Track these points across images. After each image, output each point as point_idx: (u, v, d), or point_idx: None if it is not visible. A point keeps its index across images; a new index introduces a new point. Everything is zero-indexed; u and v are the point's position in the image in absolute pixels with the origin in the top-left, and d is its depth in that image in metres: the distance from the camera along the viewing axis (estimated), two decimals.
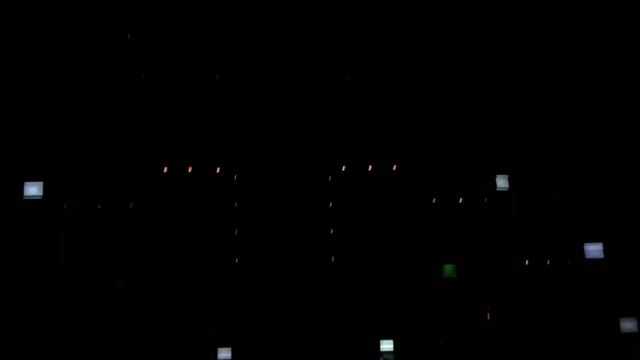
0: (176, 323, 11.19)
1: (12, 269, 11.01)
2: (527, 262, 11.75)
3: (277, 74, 11.96)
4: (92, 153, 11.46)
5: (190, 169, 11.57)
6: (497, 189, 11.92)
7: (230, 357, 11.31)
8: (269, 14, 11.99)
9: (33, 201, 11.20)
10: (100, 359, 10.89)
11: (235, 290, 11.44)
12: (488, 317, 11.56)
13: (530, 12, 12.35)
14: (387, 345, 11.55)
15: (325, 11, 12.05)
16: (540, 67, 12.28)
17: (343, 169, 11.89)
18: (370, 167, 11.92)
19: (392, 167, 11.89)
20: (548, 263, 11.77)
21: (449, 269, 11.67)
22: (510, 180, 11.88)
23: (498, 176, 11.88)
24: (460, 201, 11.86)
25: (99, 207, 11.30)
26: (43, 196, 11.24)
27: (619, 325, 11.50)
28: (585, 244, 11.80)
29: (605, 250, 11.74)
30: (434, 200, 11.81)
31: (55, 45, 11.59)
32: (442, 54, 12.17)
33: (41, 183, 11.24)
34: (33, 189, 11.24)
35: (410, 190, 11.86)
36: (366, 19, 12.15)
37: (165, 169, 11.48)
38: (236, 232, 11.56)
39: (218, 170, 11.67)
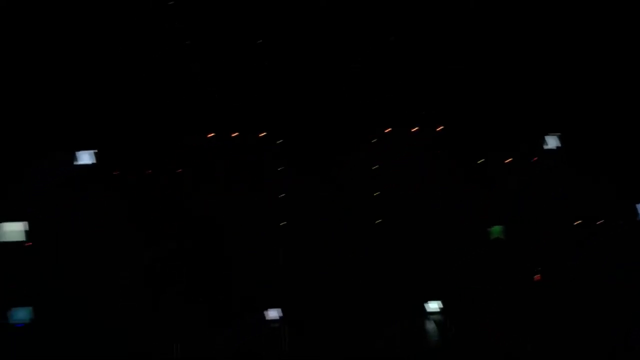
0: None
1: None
2: (577, 222, 11.72)
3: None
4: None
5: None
6: (546, 148, 11.89)
7: (278, 317, 11.47)
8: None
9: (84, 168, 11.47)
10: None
11: None
12: (537, 278, 11.55)
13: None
14: (433, 305, 11.58)
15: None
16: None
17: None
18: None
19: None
20: (599, 223, 11.71)
21: (496, 230, 11.69)
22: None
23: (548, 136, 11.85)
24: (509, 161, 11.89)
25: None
26: (95, 164, 11.50)
27: None
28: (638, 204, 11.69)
29: None
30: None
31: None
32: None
33: (93, 151, 11.51)
34: (85, 157, 11.52)
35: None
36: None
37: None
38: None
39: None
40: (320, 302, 11.52)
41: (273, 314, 11.52)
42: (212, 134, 11.76)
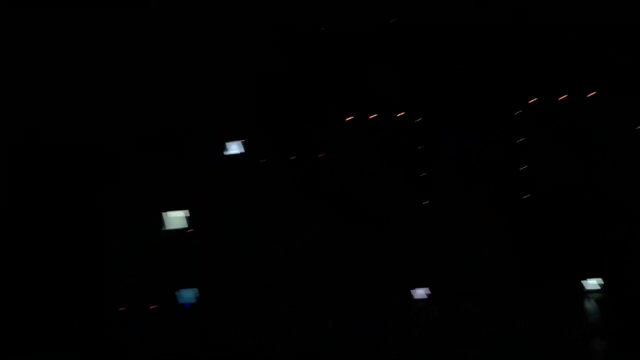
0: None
1: None
2: None
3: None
4: None
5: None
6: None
7: (426, 295, 11.48)
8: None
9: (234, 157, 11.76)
10: None
11: None
12: None
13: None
14: (593, 282, 11.44)
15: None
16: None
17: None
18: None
19: None
20: None
21: None
22: None
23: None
24: None
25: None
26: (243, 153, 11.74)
27: None
28: None
29: None
30: None
31: None
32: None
33: (241, 141, 11.75)
34: (234, 147, 11.76)
35: None
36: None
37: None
38: None
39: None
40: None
41: (420, 292, 11.48)
42: (351, 117, 11.83)
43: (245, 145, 11.76)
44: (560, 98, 11.81)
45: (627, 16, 11.68)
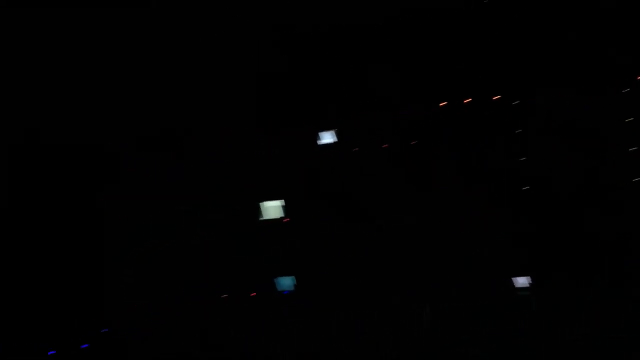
0: None
1: None
2: None
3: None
4: None
5: None
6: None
7: (528, 284, 11.30)
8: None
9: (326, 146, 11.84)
10: None
11: None
12: None
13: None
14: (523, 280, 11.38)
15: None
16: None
17: None
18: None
19: None
20: None
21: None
22: None
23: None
24: None
25: None
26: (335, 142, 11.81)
27: None
28: None
29: None
30: None
31: None
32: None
33: (333, 131, 11.83)
34: (327, 136, 11.84)
35: None
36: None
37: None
38: None
39: None
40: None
41: (522, 281, 11.27)
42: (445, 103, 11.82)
43: (338, 134, 11.81)
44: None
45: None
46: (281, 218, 11.75)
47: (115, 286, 11.40)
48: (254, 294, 11.56)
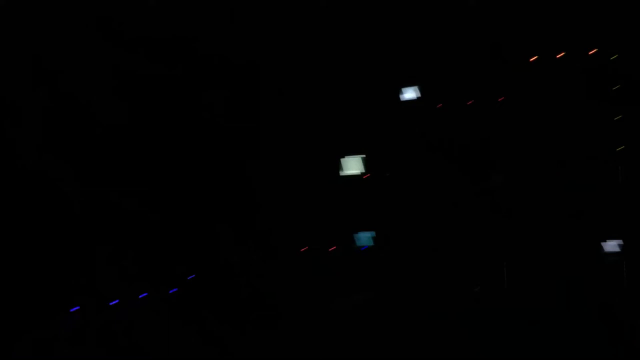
0: None
1: None
2: None
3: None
4: None
5: None
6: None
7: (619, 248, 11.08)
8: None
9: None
10: None
11: None
12: None
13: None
14: None
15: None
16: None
17: None
18: None
19: None
20: None
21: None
22: None
23: None
24: None
25: None
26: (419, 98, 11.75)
27: None
28: None
29: None
30: None
31: None
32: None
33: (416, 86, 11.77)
34: (410, 92, 11.79)
35: None
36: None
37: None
38: None
39: None
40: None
41: (612, 244, 11.06)
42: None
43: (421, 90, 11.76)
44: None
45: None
46: (362, 174, 11.76)
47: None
48: (334, 247, 11.69)
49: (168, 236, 11.39)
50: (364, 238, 11.71)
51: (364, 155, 11.74)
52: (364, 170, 11.75)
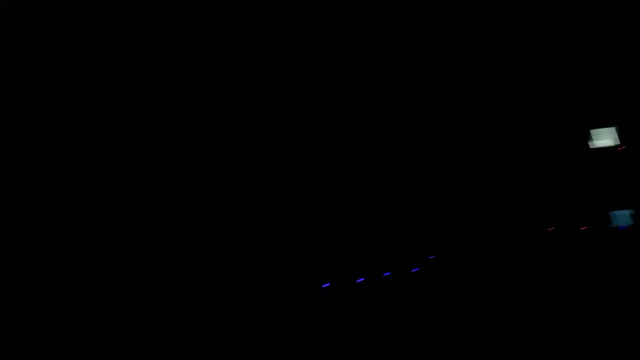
0: None
1: None
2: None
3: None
4: None
5: None
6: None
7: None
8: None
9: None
10: None
11: None
12: None
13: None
14: None
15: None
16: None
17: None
18: None
19: None
20: None
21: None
22: None
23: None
24: None
25: None
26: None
27: None
28: None
29: None
30: None
31: None
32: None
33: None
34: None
35: None
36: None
37: None
38: None
39: None
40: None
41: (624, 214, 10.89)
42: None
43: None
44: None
45: None
46: (616, 146, 11.05)
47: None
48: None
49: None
50: (622, 216, 10.92)
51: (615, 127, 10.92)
52: (618, 142, 11.01)
